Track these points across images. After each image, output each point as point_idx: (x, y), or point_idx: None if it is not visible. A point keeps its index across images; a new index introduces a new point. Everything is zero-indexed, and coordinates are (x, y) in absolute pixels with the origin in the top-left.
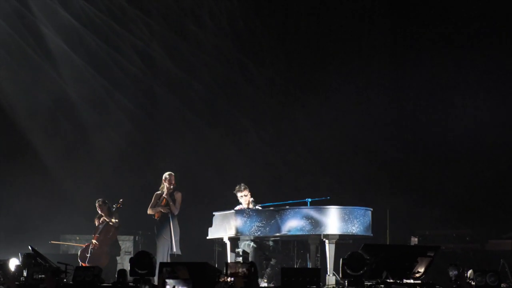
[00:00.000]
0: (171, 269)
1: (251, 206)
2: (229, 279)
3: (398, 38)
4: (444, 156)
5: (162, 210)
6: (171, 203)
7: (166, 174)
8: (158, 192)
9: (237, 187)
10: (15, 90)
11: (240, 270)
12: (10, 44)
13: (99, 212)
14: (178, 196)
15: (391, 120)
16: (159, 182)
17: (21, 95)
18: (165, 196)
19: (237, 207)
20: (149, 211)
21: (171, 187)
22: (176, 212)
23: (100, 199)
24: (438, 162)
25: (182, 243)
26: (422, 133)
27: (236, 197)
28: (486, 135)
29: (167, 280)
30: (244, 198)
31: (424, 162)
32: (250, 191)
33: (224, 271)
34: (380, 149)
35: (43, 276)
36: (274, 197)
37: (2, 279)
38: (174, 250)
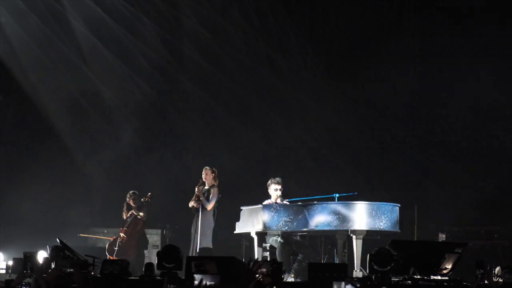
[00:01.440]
0: (199, 263)
1: (278, 200)
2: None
3: (428, 29)
4: (474, 152)
5: (194, 204)
6: (202, 198)
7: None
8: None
9: (271, 179)
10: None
11: (262, 270)
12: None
13: (132, 204)
14: (214, 190)
15: (420, 115)
16: (187, 176)
17: (52, 91)
18: (196, 191)
19: (266, 201)
20: (189, 204)
21: (204, 181)
22: (208, 207)
23: (131, 192)
24: (467, 158)
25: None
26: (451, 128)
27: (267, 190)
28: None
29: (195, 275)
30: (277, 192)
31: (454, 158)
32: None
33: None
34: (409, 145)
35: (71, 270)
36: (301, 192)
37: (30, 271)
38: (198, 245)
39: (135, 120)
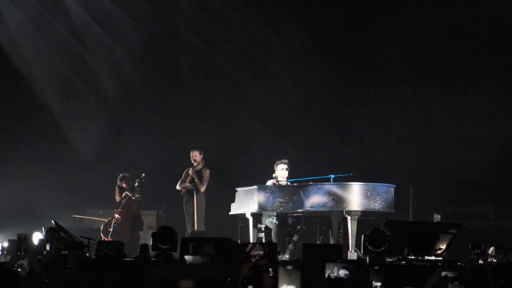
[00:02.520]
0: (196, 244)
1: (283, 181)
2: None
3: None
4: (468, 133)
5: (187, 186)
6: (196, 180)
7: (191, 152)
8: (188, 168)
9: (280, 160)
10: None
11: (257, 252)
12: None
13: (124, 186)
14: (206, 173)
15: (415, 101)
16: (182, 158)
17: (46, 71)
18: (190, 173)
19: (269, 181)
20: (177, 187)
21: (195, 164)
22: (202, 189)
23: (121, 174)
24: (461, 139)
25: (206, 219)
26: (444, 108)
27: (273, 171)
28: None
29: (186, 257)
30: (284, 171)
31: (447, 138)
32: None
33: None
34: (403, 124)
35: (65, 252)
36: (297, 173)
37: (24, 253)
38: (196, 227)
39: (130, 100)
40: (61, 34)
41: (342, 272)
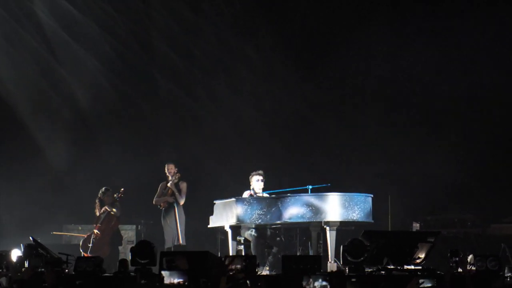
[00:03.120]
0: (170, 258)
1: (259, 192)
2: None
3: (399, 22)
4: (445, 140)
5: (168, 200)
6: (176, 193)
7: (166, 165)
8: (164, 182)
9: (255, 171)
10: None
11: (235, 265)
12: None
13: (106, 201)
14: (184, 186)
15: (391, 103)
16: (160, 171)
17: (20, 85)
18: (170, 186)
19: (245, 193)
20: (155, 201)
21: (173, 177)
22: (181, 202)
23: (104, 188)
24: (438, 147)
25: (186, 232)
26: (423, 117)
27: (249, 182)
28: (486, 114)
29: (163, 272)
30: (259, 183)
31: (424, 146)
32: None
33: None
34: (378, 134)
35: (43, 269)
36: (275, 185)
37: (4, 270)
38: (180, 240)
39: (106, 114)
40: (34, 47)
41: (318, 284)
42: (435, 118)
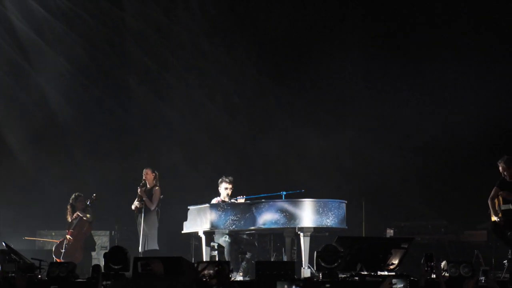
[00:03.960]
0: (145, 262)
1: (227, 199)
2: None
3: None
4: (420, 147)
5: (137, 205)
6: (145, 198)
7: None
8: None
9: (223, 177)
10: None
11: (208, 271)
12: None
13: (77, 207)
14: (155, 191)
15: (367, 111)
16: (134, 176)
17: None
18: (139, 192)
19: (214, 200)
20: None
21: (144, 182)
22: (151, 207)
23: (76, 193)
24: (412, 153)
25: (158, 237)
26: (397, 124)
27: (217, 187)
28: (460, 128)
29: None
30: (227, 190)
31: (399, 152)
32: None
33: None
34: (355, 141)
35: (13, 275)
36: (249, 190)
37: None
38: (145, 247)
39: (80, 120)
40: (5, 50)
41: None
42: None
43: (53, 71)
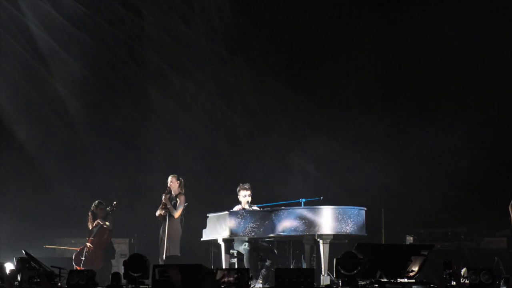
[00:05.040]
0: (163, 269)
1: (246, 207)
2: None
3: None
4: (439, 155)
5: (161, 212)
6: (168, 205)
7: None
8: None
9: (241, 185)
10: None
11: (228, 278)
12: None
13: (98, 214)
14: (180, 198)
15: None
16: (154, 184)
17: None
18: (163, 199)
19: (235, 207)
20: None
21: (169, 189)
22: (175, 215)
23: (97, 201)
24: (431, 161)
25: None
26: (414, 133)
27: (237, 195)
28: (479, 132)
29: None
30: (246, 198)
31: (419, 160)
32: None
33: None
34: (375, 146)
35: (38, 280)
36: (267, 198)
37: (1, 282)
38: (164, 254)
39: (99, 127)
40: (23, 55)
41: None
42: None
43: (71, 77)
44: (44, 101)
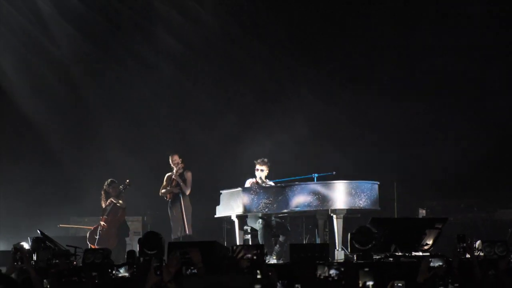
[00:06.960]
0: (184, 251)
1: (260, 181)
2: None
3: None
4: (451, 127)
5: (173, 190)
6: (181, 183)
7: (170, 156)
8: (169, 173)
9: (260, 159)
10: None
11: (245, 255)
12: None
13: (110, 192)
14: (188, 175)
15: (396, 93)
16: (165, 162)
17: (24, 74)
18: (174, 177)
19: (248, 181)
20: (161, 193)
21: (178, 167)
22: (187, 192)
23: (109, 180)
24: (444, 132)
25: (192, 222)
26: (425, 104)
27: (254, 168)
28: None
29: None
30: (261, 172)
31: (430, 131)
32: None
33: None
34: (385, 121)
35: (57, 261)
36: (280, 173)
37: (20, 262)
38: (187, 231)
39: (111, 105)
40: (32, 32)
41: (333, 273)
42: (442, 105)
43: (81, 53)
44: (58, 81)
